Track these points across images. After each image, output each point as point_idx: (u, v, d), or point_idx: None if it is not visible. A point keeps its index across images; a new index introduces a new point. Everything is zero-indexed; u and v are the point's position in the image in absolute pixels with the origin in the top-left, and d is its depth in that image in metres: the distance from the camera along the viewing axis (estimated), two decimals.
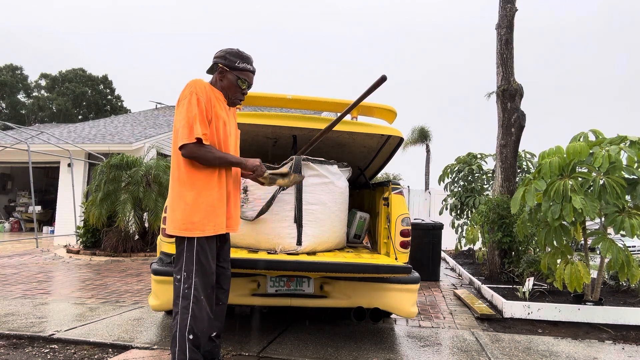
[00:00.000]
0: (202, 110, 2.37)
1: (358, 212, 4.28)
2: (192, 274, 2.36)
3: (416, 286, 3.44)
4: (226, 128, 2.54)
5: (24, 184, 15.82)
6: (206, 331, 2.40)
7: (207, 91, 2.44)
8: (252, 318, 4.16)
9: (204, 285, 2.38)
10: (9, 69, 36.66)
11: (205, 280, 2.38)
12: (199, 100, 2.37)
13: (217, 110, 2.47)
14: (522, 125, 6.69)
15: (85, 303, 4.64)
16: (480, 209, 6.88)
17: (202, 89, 2.42)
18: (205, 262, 2.39)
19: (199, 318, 2.35)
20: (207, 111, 2.40)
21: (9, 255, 8.83)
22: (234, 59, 2.56)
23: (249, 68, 2.59)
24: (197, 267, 2.37)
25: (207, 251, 2.39)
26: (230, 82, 2.56)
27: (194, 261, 2.37)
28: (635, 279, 4.31)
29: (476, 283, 6.26)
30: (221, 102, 2.55)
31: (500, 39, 6.88)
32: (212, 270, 2.43)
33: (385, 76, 2.87)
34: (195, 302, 2.34)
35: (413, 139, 27.40)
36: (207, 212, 2.39)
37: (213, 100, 2.46)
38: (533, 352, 3.52)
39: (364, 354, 3.28)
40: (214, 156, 2.39)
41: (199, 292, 2.35)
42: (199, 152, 2.35)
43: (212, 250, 2.44)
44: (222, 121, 2.49)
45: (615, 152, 4.23)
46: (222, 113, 2.53)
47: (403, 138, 3.90)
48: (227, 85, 2.57)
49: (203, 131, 2.34)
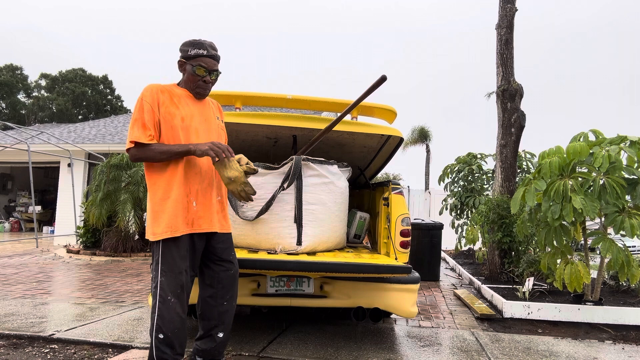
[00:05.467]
0: (142, 113, 2.36)
1: (358, 212, 4.28)
2: (158, 274, 2.36)
3: (416, 286, 3.44)
4: (185, 122, 2.45)
5: (24, 184, 15.83)
6: (179, 332, 2.34)
7: (156, 92, 2.41)
8: (252, 318, 4.16)
9: (170, 285, 2.34)
10: (9, 69, 36.62)
11: (171, 281, 2.35)
12: (141, 105, 2.38)
13: (169, 109, 2.42)
14: (522, 125, 6.69)
15: (85, 303, 4.64)
16: (480, 209, 6.88)
17: (149, 92, 2.40)
18: (172, 262, 2.36)
19: (167, 318, 2.32)
20: (153, 112, 2.37)
21: (9, 255, 8.83)
22: (186, 48, 2.48)
23: (201, 53, 2.45)
24: (163, 267, 2.36)
25: (172, 251, 2.37)
26: (189, 73, 2.48)
27: (160, 262, 2.37)
28: (635, 279, 4.31)
29: (476, 283, 6.26)
30: (181, 98, 2.49)
31: (500, 39, 6.88)
32: (179, 269, 2.37)
33: (385, 76, 2.87)
34: (162, 302, 2.33)
35: (413, 139, 27.44)
36: (169, 214, 2.37)
37: (164, 99, 2.42)
38: (533, 352, 3.52)
39: (364, 354, 3.28)
40: (155, 152, 2.36)
41: (165, 292, 2.33)
42: (138, 153, 2.37)
43: (181, 249, 2.39)
44: (178, 118, 2.42)
45: (615, 152, 4.23)
46: (182, 109, 2.46)
47: (403, 138, 3.90)
48: (186, 78, 2.51)
49: (137, 134, 2.33)
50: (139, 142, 2.33)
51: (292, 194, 3.40)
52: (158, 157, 2.36)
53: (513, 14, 6.86)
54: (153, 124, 2.38)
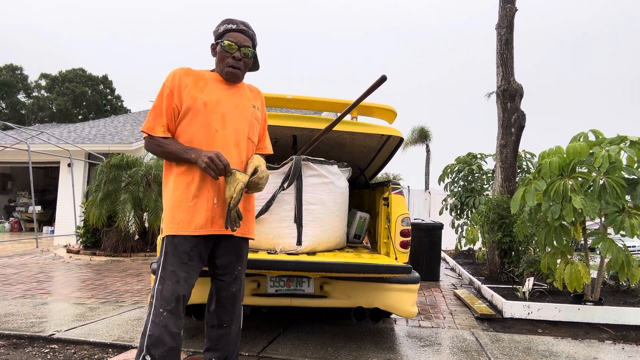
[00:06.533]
0: (160, 99, 2.16)
1: (358, 212, 4.28)
2: (157, 280, 2.06)
3: (416, 286, 3.44)
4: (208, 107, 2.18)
5: (24, 184, 15.83)
6: (168, 354, 1.97)
7: (179, 76, 2.19)
8: (252, 318, 4.16)
9: (166, 295, 2.00)
10: (9, 69, 36.63)
11: (168, 290, 2.01)
12: (162, 90, 2.17)
13: (191, 92, 2.16)
14: (522, 125, 6.69)
15: (85, 303, 4.64)
16: (480, 209, 6.88)
17: (171, 76, 2.19)
18: (174, 267, 2.06)
19: (157, 338, 1.96)
20: (171, 98, 2.15)
21: (9, 255, 8.83)
22: (216, 28, 2.29)
23: (230, 27, 2.24)
24: (162, 273, 2.06)
25: (179, 253, 2.07)
26: (218, 52, 2.26)
27: (161, 265, 2.08)
28: (635, 279, 4.31)
29: (476, 283, 6.25)
30: (208, 82, 2.23)
31: (500, 39, 6.88)
32: (177, 277, 2.04)
33: (385, 76, 2.87)
34: (155, 315, 1.98)
35: (413, 139, 27.44)
36: (187, 209, 2.10)
37: (187, 82, 2.18)
38: (533, 352, 3.52)
39: (364, 354, 3.28)
40: (163, 151, 2.14)
41: (159, 302, 1.99)
42: (149, 146, 2.17)
43: (187, 254, 2.09)
44: (200, 102, 2.16)
45: (615, 152, 4.23)
46: (208, 93, 2.20)
47: (403, 138, 3.90)
48: (219, 59, 2.27)
49: (150, 124, 2.14)
50: (151, 134, 2.14)
51: (292, 194, 3.40)
52: (164, 156, 2.18)
53: (513, 14, 6.86)
54: (170, 112, 2.16)
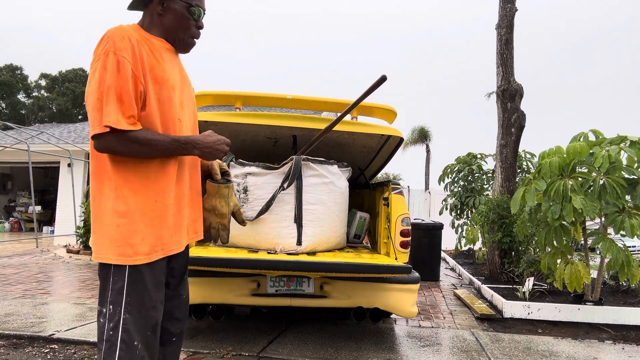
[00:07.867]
0: (123, 80, 1.48)
1: (358, 212, 4.28)
2: (122, 307, 1.54)
3: (416, 286, 3.44)
4: (175, 95, 1.66)
5: (24, 184, 15.82)
6: None
7: (135, 44, 1.55)
8: (252, 318, 4.16)
9: (140, 324, 1.57)
10: (9, 69, 36.63)
11: (140, 320, 1.57)
12: (116, 63, 1.48)
13: (157, 72, 1.59)
14: (522, 125, 6.69)
15: (85, 303, 4.64)
16: (480, 209, 6.88)
17: (124, 44, 1.51)
18: (143, 291, 1.58)
19: None
20: (137, 77, 1.52)
21: (9, 255, 8.83)
22: None
23: None
24: (129, 300, 1.55)
25: (145, 277, 1.58)
26: (177, 14, 1.69)
27: (125, 291, 1.55)
28: (635, 279, 4.31)
29: (476, 283, 6.26)
30: (165, 53, 1.66)
31: (500, 39, 6.88)
32: (153, 302, 1.60)
33: (385, 76, 2.87)
34: (125, 349, 1.53)
35: (413, 139, 27.46)
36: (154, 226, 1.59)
37: (147, 55, 1.58)
38: (533, 352, 3.52)
39: (364, 354, 3.28)
40: (143, 150, 1.53)
41: (130, 336, 1.54)
42: (113, 144, 1.49)
43: (159, 272, 1.64)
44: (168, 86, 1.62)
45: (615, 152, 4.24)
46: (170, 72, 1.65)
47: (403, 138, 3.90)
48: (173, 22, 1.70)
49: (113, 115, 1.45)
50: (117, 128, 1.45)
51: (292, 194, 3.40)
52: (143, 153, 1.55)
53: (513, 14, 6.86)
54: (136, 96, 1.52)
